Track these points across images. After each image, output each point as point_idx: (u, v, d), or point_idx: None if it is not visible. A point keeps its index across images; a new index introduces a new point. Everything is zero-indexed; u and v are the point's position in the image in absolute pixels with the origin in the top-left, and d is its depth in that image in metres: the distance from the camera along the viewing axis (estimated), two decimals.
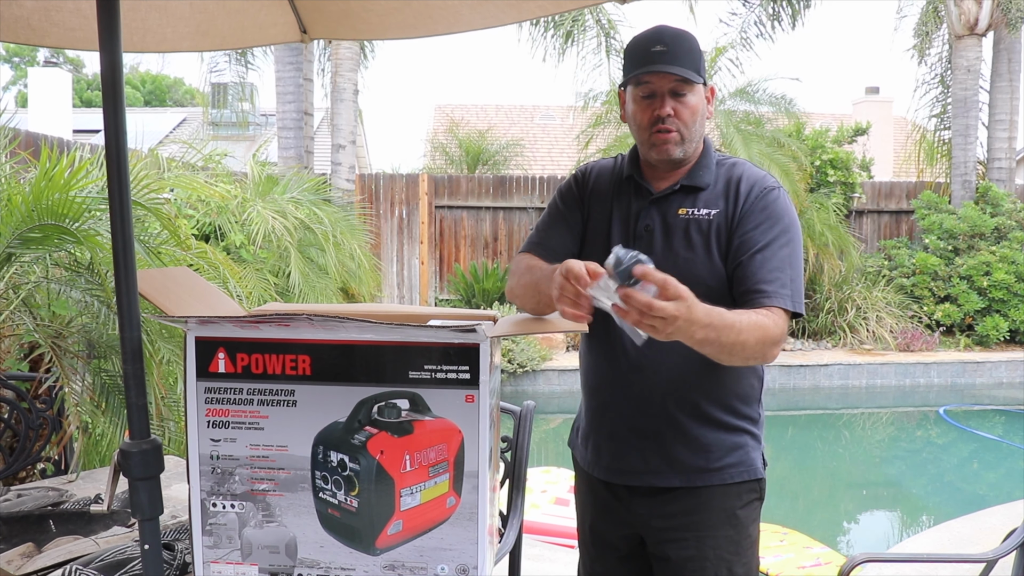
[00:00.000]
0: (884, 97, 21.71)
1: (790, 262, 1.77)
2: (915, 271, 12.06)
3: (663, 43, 1.79)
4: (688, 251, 1.83)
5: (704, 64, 1.86)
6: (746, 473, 1.91)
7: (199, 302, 1.75)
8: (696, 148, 1.89)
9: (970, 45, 12.98)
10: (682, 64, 1.78)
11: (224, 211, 7.94)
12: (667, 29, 1.82)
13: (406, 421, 1.53)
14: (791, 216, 1.83)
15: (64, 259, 3.51)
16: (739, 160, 1.93)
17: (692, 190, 1.87)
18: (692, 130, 1.84)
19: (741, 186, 1.84)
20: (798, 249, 1.82)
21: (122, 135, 1.53)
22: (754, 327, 1.63)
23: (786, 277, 1.75)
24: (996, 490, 7.11)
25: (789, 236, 1.80)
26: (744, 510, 1.92)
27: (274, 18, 2.29)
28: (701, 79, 1.82)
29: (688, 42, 1.81)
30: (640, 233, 1.88)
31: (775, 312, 1.71)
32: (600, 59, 12.36)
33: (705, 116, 1.87)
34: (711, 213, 1.83)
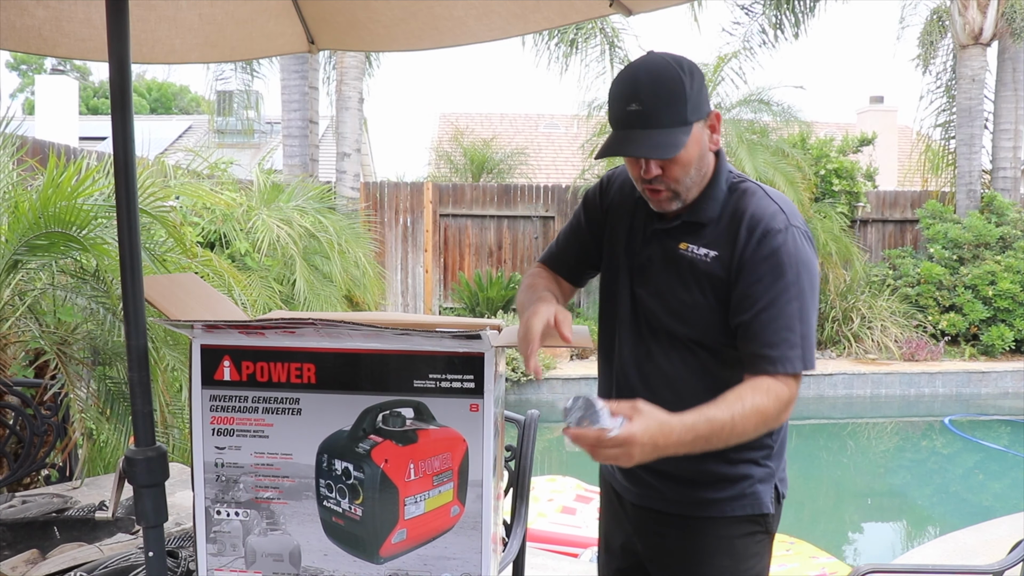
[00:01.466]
0: (889, 106, 21.71)
1: (800, 317, 1.60)
2: (920, 280, 12.04)
3: (638, 99, 1.57)
4: (684, 291, 1.69)
5: (700, 96, 1.62)
6: (749, 508, 1.77)
7: (205, 308, 1.75)
8: (701, 181, 1.70)
9: (975, 55, 12.98)
10: (660, 123, 1.57)
11: (229, 219, 7.96)
12: (643, 76, 1.59)
13: (411, 430, 1.53)
14: (801, 261, 1.62)
15: (70, 266, 3.52)
16: (750, 187, 1.71)
17: (695, 225, 1.70)
18: (687, 182, 1.66)
19: (742, 228, 1.64)
20: (809, 300, 1.63)
21: (130, 146, 1.54)
22: (752, 414, 1.54)
23: (795, 337, 1.59)
24: (1002, 501, 7.08)
25: (798, 287, 1.61)
26: (743, 540, 1.79)
27: (282, 29, 2.30)
28: (690, 126, 1.59)
29: (671, 88, 1.58)
30: (643, 263, 1.77)
31: (780, 380, 1.59)
32: (604, 67, 12.39)
33: (707, 152, 1.67)
34: (710, 255, 1.66)
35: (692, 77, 1.60)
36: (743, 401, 1.54)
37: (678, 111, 1.58)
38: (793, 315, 1.60)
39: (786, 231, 1.62)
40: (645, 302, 1.75)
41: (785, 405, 1.59)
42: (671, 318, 1.71)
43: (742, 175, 1.76)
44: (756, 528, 1.79)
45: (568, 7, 2.13)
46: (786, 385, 1.59)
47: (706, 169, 1.69)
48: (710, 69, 12.18)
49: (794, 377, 1.60)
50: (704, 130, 1.65)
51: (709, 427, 1.48)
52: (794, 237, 1.63)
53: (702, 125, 1.64)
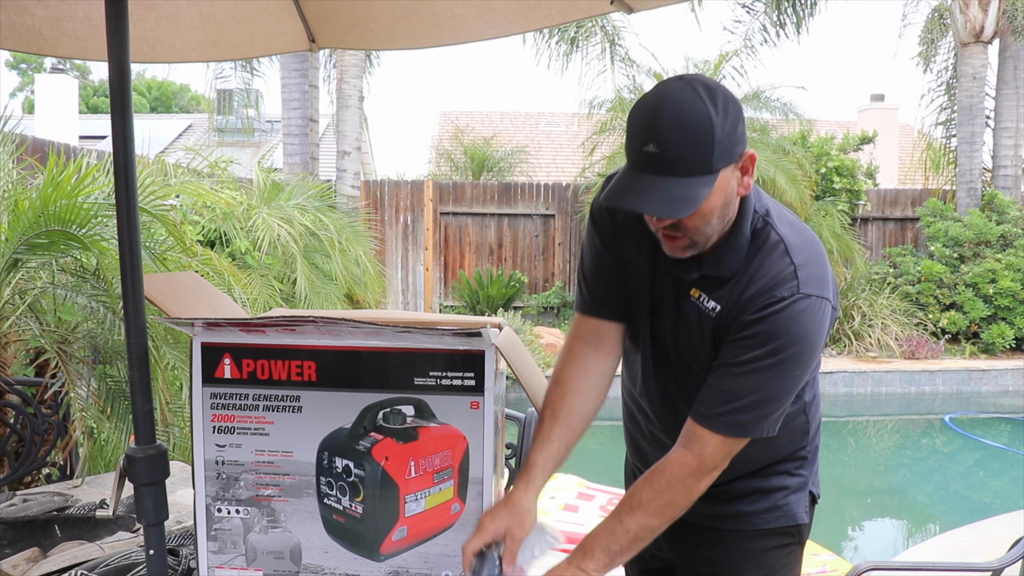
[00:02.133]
0: (889, 104, 21.70)
1: (767, 386, 1.45)
2: (920, 278, 12.04)
3: (657, 140, 1.34)
4: (689, 338, 1.56)
5: (733, 137, 1.38)
6: (783, 520, 1.70)
7: (205, 307, 1.76)
8: (723, 228, 1.49)
9: (976, 52, 12.98)
10: (681, 171, 1.35)
11: (229, 217, 7.96)
12: (666, 112, 1.35)
13: (411, 427, 1.53)
14: (796, 332, 1.43)
15: (70, 265, 3.52)
16: (772, 238, 1.49)
17: (715, 280, 1.52)
18: (707, 231, 1.45)
19: (749, 288, 1.47)
20: (789, 371, 1.45)
21: (130, 144, 1.54)
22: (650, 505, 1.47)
23: (749, 402, 1.45)
24: (1002, 498, 7.08)
25: (781, 358, 1.43)
26: (775, 552, 1.72)
27: (282, 27, 2.30)
28: (715, 174, 1.37)
29: (695, 129, 1.34)
30: (657, 301, 1.61)
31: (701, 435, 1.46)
32: (604, 65, 12.38)
33: (733, 198, 1.46)
34: (716, 309, 1.51)
35: (726, 114, 1.37)
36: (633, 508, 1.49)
37: (702, 159, 1.35)
38: (759, 382, 1.44)
39: (789, 300, 1.43)
40: (661, 342, 1.63)
41: (688, 477, 1.47)
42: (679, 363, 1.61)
43: (771, 216, 1.53)
44: (789, 540, 1.73)
45: (569, 5, 2.13)
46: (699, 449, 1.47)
47: (730, 215, 1.48)
48: (711, 67, 12.18)
49: (723, 437, 1.46)
50: (734, 174, 1.43)
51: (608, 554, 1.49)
52: (797, 306, 1.43)
53: (732, 169, 1.42)
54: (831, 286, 1.50)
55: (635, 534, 1.48)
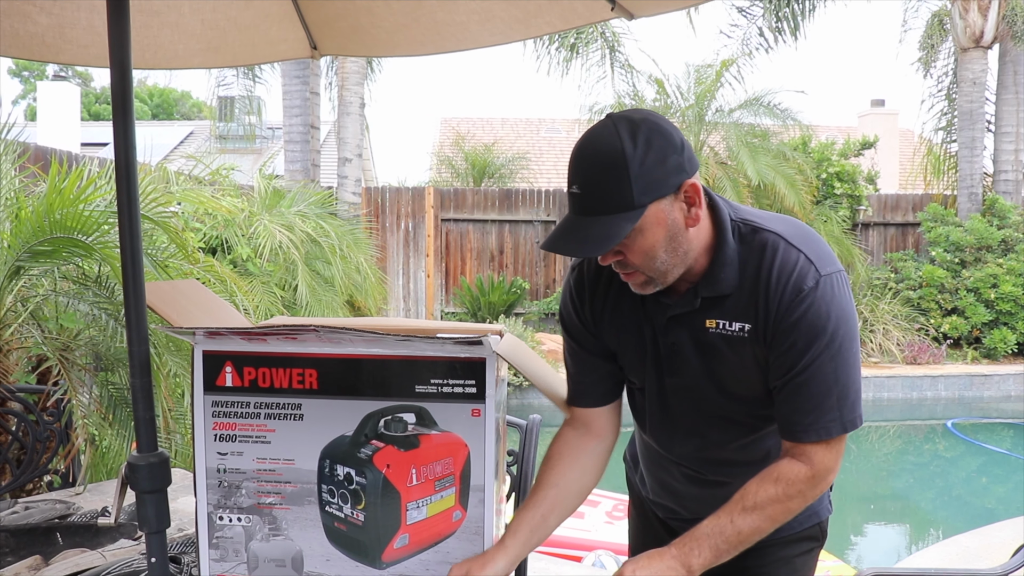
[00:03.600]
0: (890, 110, 21.73)
1: (836, 377, 1.43)
2: (922, 284, 12.04)
3: (576, 180, 1.37)
4: (724, 367, 1.52)
5: (657, 171, 1.35)
6: (813, 518, 1.71)
7: (207, 315, 1.76)
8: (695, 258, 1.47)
9: (976, 58, 12.99)
10: (601, 209, 1.35)
11: (231, 224, 7.98)
12: (584, 152, 1.37)
13: (412, 435, 1.53)
14: (836, 315, 1.43)
15: (72, 272, 3.53)
16: (769, 238, 1.47)
17: (715, 299, 1.49)
18: (656, 267, 1.43)
19: (770, 291, 1.44)
20: (848, 352, 1.44)
21: (132, 152, 1.55)
22: (766, 509, 1.45)
23: (830, 400, 1.44)
24: (1005, 504, 7.07)
25: (834, 345, 1.42)
26: (802, 557, 1.73)
27: (284, 34, 2.31)
28: (641, 209, 1.35)
29: (612, 170, 1.33)
30: (668, 352, 1.56)
31: (811, 449, 1.46)
32: (605, 71, 12.42)
33: (681, 232, 1.42)
34: (744, 328, 1.47)
35: (648, 148, 1.34)
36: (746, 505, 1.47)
37: (621, 195, 1.33)
38: (827, 378, 1.43)
39: (816, 287, 1.42)
40: (683, 392, 1.60)
41: (804, 484, 1.47)
42: (722, 398, 1.57)
43: (753, 219, 1.51)
44: (815, 544, 1.75)
45: (570, 11, 2.13)
46: (808, 461, 1.46)
47: (687, 247, 1.44)
48: (712, 72, 12.19)
49: (826, 443, 1.46)
50: (673, 205, 1.39)
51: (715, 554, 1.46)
52: (825, 289, 1.43)
53: (668, 203, 1.38)
54: (836, 256, 1.51)
55: (746, 536, 1.46)
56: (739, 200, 11.02)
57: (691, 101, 12.30)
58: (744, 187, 11.25)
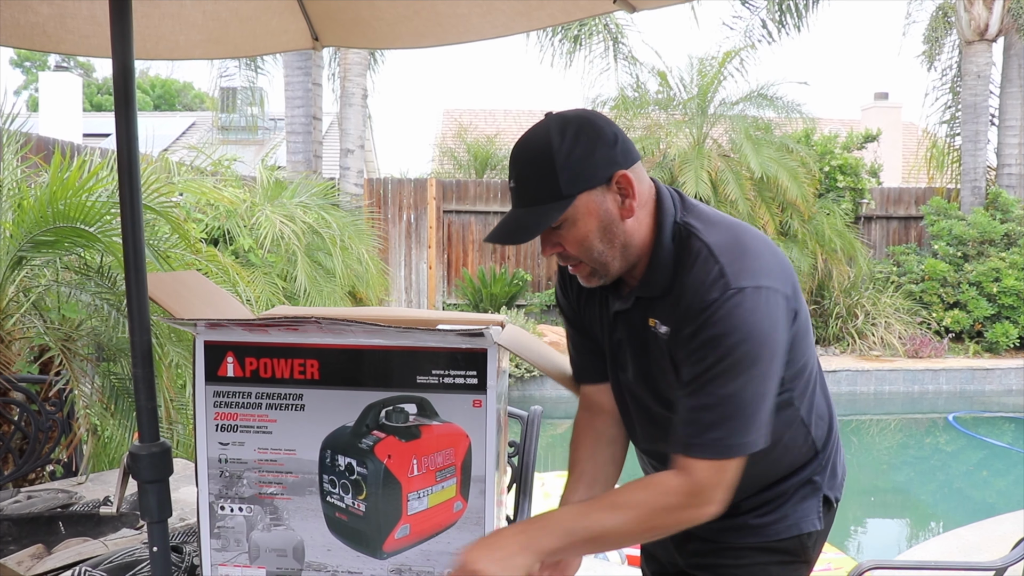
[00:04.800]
0: (893, 103, 21.67)
1: (728, 394, 1.38)
2: (924, 277, 12.03)
3: (513, 175, 1.44)
4: (657, 369, 1.54)
5: (585, 163, 1.40)
6: (793, 528, 1.65)
7: (208, 306, 1.76)
8: (635, 252, 1.49)
9: (980, 51, 12.95)
10: (529, 200, 1.42)
11: (233, 215, 7.98)
12: (518, 149, 1.44)
13: (414, 426, 1.53)
14: (741, 329, 1.37)
15: (74, 262, 3.53)
16: (696, 245, 1.45)
17: (651, 300, 1.51)
18: (594, 257, 1.46)
19: (684, 298, 1.43)
20: (747, 371, 1.38)
21: (134, 142, 1.55)
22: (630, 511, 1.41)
23: (714, 417, 1.38)
24: (1005, 497, 7.08)
25: (732, 360, 1.37)
26: (778, 568, 1.68)
27: (286, 25, 2.30)
28: (569, 199, 1.39)
29: (539, 162, 1.40)
30: (616, 346, 1.62)
31: (692, 464, 1.40)
32: (608, 63, 12.39)
33: (616, 223, 1.44)
34: (666, 332, 1.48)
35: (575, 141, 1.39)
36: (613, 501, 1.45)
37: (547, 185, 1.39)
38: (716, 392, 1.38)
39: (720, 299, 1.38)
40: (628, 387, 1.64)
41: (678, 494, 1.40)
42: (655, 399, 1.58)
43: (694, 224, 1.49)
44: (793, 558, 1.67)
45: (572, 4, 2.13)
46: (689, 475, 1.40)
47: (624, 239, 1.46)
48: (715, 64, 12.16)
49: (710, 462, 1.39)
50: (606, 197, 1.42)
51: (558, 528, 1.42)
52: (733, 303, 1.37)
53: (599, 192, 1.41)
54: (776, 273, 1.43)
55: (606, 533, 1.42)
56: (742, 193, 11.01)
57: (694, 93, 12.27)
58: (747, 180, 11.23)
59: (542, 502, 5.30)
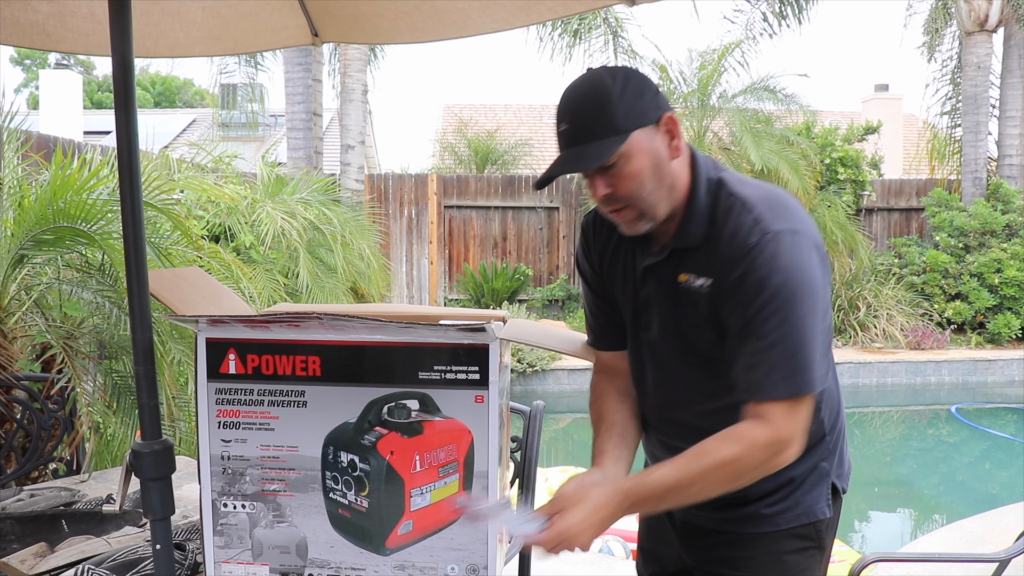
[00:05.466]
0: (894, 94, 21.63)
1: (785, 331, 1.43)
2: (926, 269, 12.02)
3: (564, 118, 1.48)
4: (690, 326, 1.56)
5: (638, 101, 1.46)
6: (803, 516, 1.66)
7: (210, 302, 1.76)
8: (678, 198, 1.54)
9: (980, 41, 12.92)
10: (590, 136, 1.45)
11: (234, 212, 7.97)
12: (569, 92, 1.50)
13: (416, 421, 1.53)
14: (783, 270, 1.43)
15: (76, 260, 3.53)
16: (732, 199, 1.52)
17: (686, 252, 1.55)
18: (645, 196, 1.49)
19: (724, 249, 1.48)
20: (798, 310, 1.43)
21: (134, 140, 1.54)
22: (712, 471, 1.43)
23: (775, 356, 1.43)
24: (1008, 489, 7.08)
25: (781, 297, 1.42)
26: (793, 556, 1.67)
27: (285, 22, 2.30)
28: (625, 134, 1.44)
29: (595, 100, 1.45)
30: (642, 304, 1.64)
31: (767, 410, 1.44)
32: (608, 57, 12.35)
33: (665, 162, 1.50)
34: (704, 284, 1.52)
35: (626, 83, 1.46)
36: (700, 459, 1.44)
37: (605, 120, 1.44)
38: (773, 332, 1.43)
39: (760, 242, 1.44)
40: (652, 346, 1.64)
41: (767, 448, 1.43)
42: (687, 356, 1.59)
43: (723, 180, 1.55)
44: (808, 544, 1.68)
45: None
46: (770, 421, 1.43)
47: (671, 180, 1.51)
48: (715, 57, 12.14)
49: (784, 403, 1.44)
50: (655, 136, 1.48)
51: (651, 493, 1.43)
52: (772, 245, 1.44)
53: (650, 131, 1.47)
54: (808, 223, 1.51)
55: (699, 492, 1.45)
56: None
57: (694, 86, 12.25)
58: (748, 172, 11.20)
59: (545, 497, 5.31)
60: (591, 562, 4.21)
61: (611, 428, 1.66)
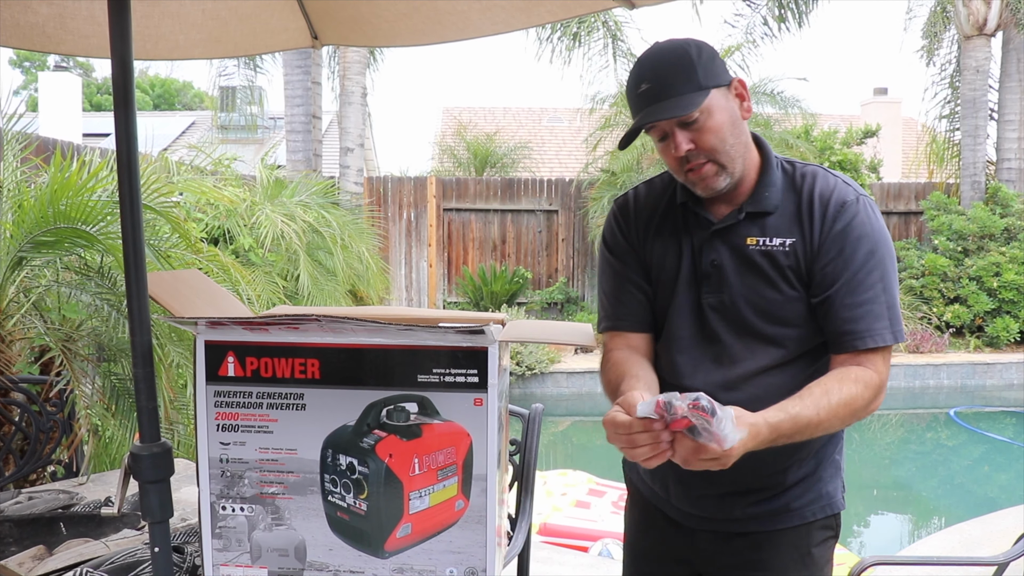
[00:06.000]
0: (893, 98, 21.65)
1: (883, 286, 1.56)
2: (924, 272, 12.02)
3: (646, 78, 1.57)
4: (767, 287, 1.61)
5: (713, 65, 1.58)
6: (827, 508, 1.72)
7: (208, 304, 1.76)
8: (749, 162, 1.64)
9: (979, 45, 12.94)
10: (674, 92, 1.54)
11: (233, 214, 7.97)
12: (648, 57, 1.60)
13: (415, 424, 1.53)
14: (877, 230, 1.58)
15: (74, 263, 3.53)
16: (808, 168, 1.66)
17: (759, 215, 1.63)
18: (726, 150, 1.59)
19: (815, 207, 1.59)
20: (890, 267, 1.59)
21: (133, 142, 1.54)
22: (840, 408, 1.48)
23: (880, 307, 1.55)
24: (1007, 492, 7.08)
25: (878, 255, 1.57)
26: (819, 548, 1.72)
27: (285, 24, 2.30)
28: (706, 90, 1.55)
29: (677, 59, 1.56)
30: (708, 270, 1.66)
31: (867, 362, 1.54)
32: (607, 60, 12.36)
33: (740, 121, 1.62)
34: (786, 243, 1.60)
35: (700, 49, 1.58)
36: (829, 396, 1.47)
37: (688, 77, 1.55)
38: (875, 285, 1.56)
39: (858, 202, 1.59)
40: (721, 311, 1.65)
41: (876, 391, 1.53)
42: (759, 319, 1.62)
43: (796, 160, 1.70)
44: (829, 534, 1.74)
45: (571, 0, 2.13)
46: (874, 367, 1.54)
47: (746, 139, 1.64)
48: None
49: (882, 352, 1.56)
50: (729, 97, 1.61)
51: (794, 426, 1.43)
52: (866, 206, 1.59)
53: (724, 92, 1.59)
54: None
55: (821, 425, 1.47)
56: None
57: None
58: None
59: (544, 500, 5.31)
60: (590, 564, 4.21)
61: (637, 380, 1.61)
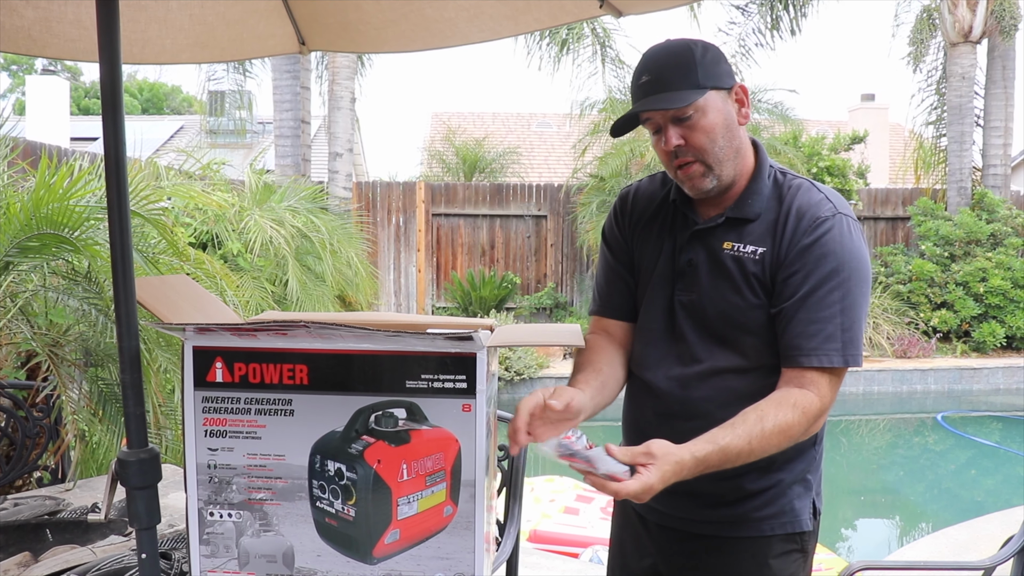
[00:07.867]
0: (880, 104, 21.78)
1: (842, 308, 1.53)
2: (911, 277, 12.09)
3: (648, 71, 1.59)
4: (732, 292, 1.62)
5: (716, 66, 1.59)
6: (788, 526, 1.69)
7: (197, 310, 1.75)
8: (741, 168, 1.65)
9: (965, 52, 13.04)
10: (671, 87, 1.56)
11: (221, 219, 7.95)
12: (653, 52, 1.61)
13: (403, 430, 1.53)
14: (847, 251, 1.55)
15: (62, 267, 3.51)
16: (798, 181, 1.65)
17: (740, 222, 1.64)
18: (716, 151, 1.59)
19: (790, 219, 1.59)
20: (855, 289, 1.55)
21: (121, 146, 1.54)
22: (773, 435, 1.47)
23: (834, 328, 1.53)
24: (994, 496, 7.12)
25: (842, 276, 1.54)
26: (779, 560, 1.69)
27: (272, 30, 2.30)
28: (704, 90, 1.56)
29: (679, 56, 1.57)
30: (683, 268, 1.69)
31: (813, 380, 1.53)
32: (596, 67, 12.40)
33: (735, 125, 1.62)
34: (758, 251, 1.61)
35: (705, 50, 1.59)
36: (763, 423, 1.47)
37: (687, 74, 1.56)
38: (833, 306, 1.53)
39: (833, 219, 1.57)
40: (689, 309, 1.68)
41: (813, 418, 1.52)
42: (722, 322, 1.64)
43: (790, 171, 1.70)
44: (792, 547, 1.70)
45: (558, 8, 2.13)
46: (817, 390, 1.53)
47: (739, 144, 1.64)
48: None
49: (830, 374, 1.54)
50: (727, 101, 1.61)
51: (722, 456, 1.44)
52: (840, 225, 1.57)
53: (723, 95, 1.60)
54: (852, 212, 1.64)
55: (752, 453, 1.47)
56: None
57: None
58: None
59: (533, 506, 5.30)
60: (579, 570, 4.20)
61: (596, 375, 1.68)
